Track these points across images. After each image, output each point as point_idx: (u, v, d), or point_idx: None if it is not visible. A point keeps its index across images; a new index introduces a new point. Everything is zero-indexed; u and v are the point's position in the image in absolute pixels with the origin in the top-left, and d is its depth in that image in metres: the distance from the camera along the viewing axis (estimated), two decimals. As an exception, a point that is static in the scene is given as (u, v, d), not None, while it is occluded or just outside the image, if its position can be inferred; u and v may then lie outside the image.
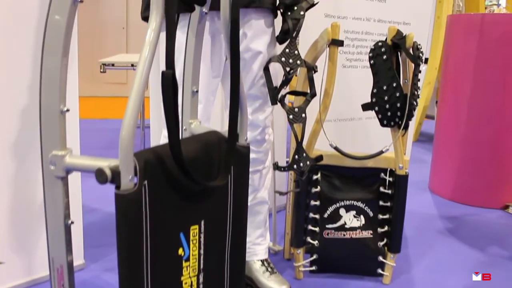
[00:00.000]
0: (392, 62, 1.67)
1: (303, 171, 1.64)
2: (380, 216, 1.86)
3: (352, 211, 1.86)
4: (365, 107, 1.75)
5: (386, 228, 1.86)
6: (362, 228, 1.86)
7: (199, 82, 1.29)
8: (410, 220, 2.52)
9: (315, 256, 1.87)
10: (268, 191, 1.81)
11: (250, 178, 1.71)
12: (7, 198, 1.66)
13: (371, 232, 1.87)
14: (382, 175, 1.83)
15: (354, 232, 1.86)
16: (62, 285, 0.96)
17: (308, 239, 1.86)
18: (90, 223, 2.34)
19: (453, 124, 3.01)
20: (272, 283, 1.74)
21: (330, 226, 1.86)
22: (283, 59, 1.54)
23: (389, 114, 1.69)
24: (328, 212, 1.85)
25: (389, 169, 1.82)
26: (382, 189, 1.84)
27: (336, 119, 2.30)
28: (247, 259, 1.70)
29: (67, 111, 0.96)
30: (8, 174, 1.65)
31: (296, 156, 1.63)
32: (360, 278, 1.93)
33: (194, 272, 1.10)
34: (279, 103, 1.58)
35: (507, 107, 2.80)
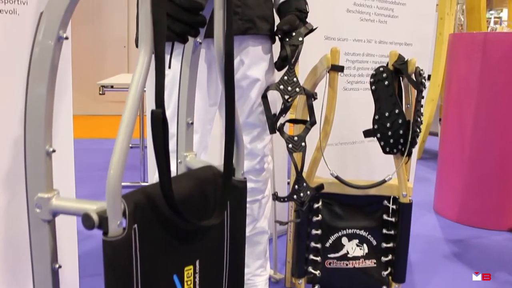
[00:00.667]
0: (394, 88, 1.62)
1: (303, 201, 1.59)
2: (383, 245, 1.80)
3: (354, 240, 1.81)
4: (366, 134, 1.71)
5: (390, 257, 1.80)
6: (365, 257, 1.81)
7: (194, 114, 1.25)
8: (414, 244, 2.46)
9: (317, 286, 1.81)
10: (268, 220, 1.76)
11: (249, 207, 1.66)
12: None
13: (375, 261, 1.81)
14: (385, 202, 1.78)
15: (357, 261, 1.81)
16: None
17: (310, 269, 1.80)
18: (86, 252, 2.29)
19: (457, 144, 2.96)
20: None
21: (332, 255, 1.80)
22: (281, 87, 1.50)
23: (391, 141, 1.65)
24: (330, 241, 1.80)
25: (392, 196, 1.76)
26: (385, 216, 1.79)
27: (338, 143, 2.25)
28: (247, 292, 1.65)
29: (53, 151, 0.91)
30: None
31: (296, 186, 1.58)
32: (364, 308, 1.87)
33: (189, 315, 1.05)
34: (278, 132, 1.54)
35: (512, 127, 2.76)
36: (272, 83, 1.58)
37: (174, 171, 1.30)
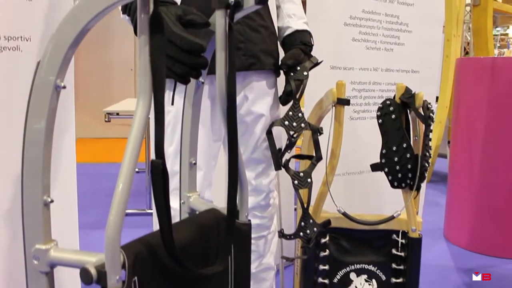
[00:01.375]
0: (402, 121, 1.59)
1: (310, 238, 1.55)
2: (393, 280, 1.76)
3: (363, 275, 1.76)
4: (374, 168, 1.67)
5: (400, 292, 1.75)
6: (375, 293, 1.76)
7: (197, 153, 1.23)
8: (425, 275, 2.40)
9: (325, 323, 1.76)
10: (274, 255, 1.72)
11: (255, 244, 1.63)
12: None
13: (384, 297, 1.76)
14: (394, 236, 1.74)
15: (366, 297, 1.76)
16: None
17: (318, 305, 1.76)
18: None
19: (467, 169, 2.92)
20: None
21: (341, 291, 1.76)
22: (286, 123, 1.48)
23: (399, 175, 1.61)
24: (338, 276, 1.75)
25: (401, 230, 1.72)
26: (394, 251, 1.75)
27: (345, 173, 2.21)
28: (253, 331, 1.60)
29: (51, 202, 0.89)
30: None
31: (302, 223, 1.54)
32: None
33: None
34: (283, 168, 1.50)
35: (523, 152, 2.71)
36: (277, 118, 1.56)
37: (177, 209, 1.28)
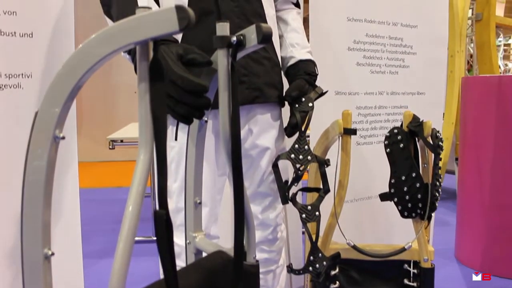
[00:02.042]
0: (410, 150, 1.56)
1: (319, 272, 1.51)
2: (406, 311, 1.71)
3: (375, 307, 1.71)
4: (383, 198, 1.64)
5: (413, 324, 1.70)
6: (387, 325, 1.71)
7: (202, 192, 1.20)
8: (437, 301, 2.35)
9: None
10: (283, 288, 1.68)
11: (263, 279, 1.59)
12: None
13: (397, 329, 1.71)
14: (406, 266, 1.70)
15: (379, 330, 1.71)
16: None
17: None
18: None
19: (477, 189, 2.87)
20: None
21: (352, 324, 1.71)
22: (292, 156, 1.44)
23: (409, 205, 1.57)
24: (349, 309, 1.71)
25: (412, 260, 1.68)
26: (406, 281, 1.70)
27: (353, 199, 2.18)
28: None
29: (52, 254, 0.86)
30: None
31: (311, 257, 1.50)
32: None
33: None
34: (290, 202, 1.47)
35: (533, 171, 2.67)
36: (282, 150, 1.53)
37: (183, 246, 1.25)
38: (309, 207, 1.47)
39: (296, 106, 1.45)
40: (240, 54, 1.01)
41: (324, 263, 1.52)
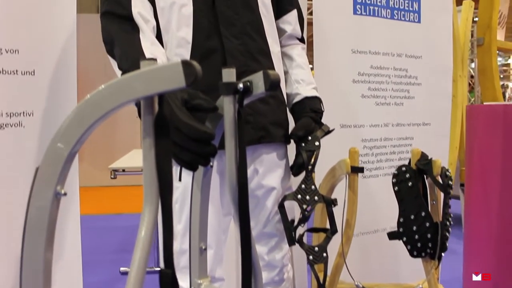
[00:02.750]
0: (419, 189, 1.53)
1: (327, 316, 1.47)
2: None
3: None
4: (391, 236, 1.60)
5: None
6: None
7: (207, 238, 1.16)
8: None
9: None
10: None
11: (269, 321, 1.54)
12: None
13: None
14: (416, 306, 1.65)
15: None
16: None
17: None
18: None
19: (484, 219, 2.81)
20: None
21: None
22: (299, 196, 1.41)
23: (419, 245, 1.53)
24: None
25: (423, 300, 1.64)
26: (416, 321, 1.65)
27: (359, 233, 2.13)
28: None
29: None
30: None
31: (319, 300, 1.46)
32: None
33: None
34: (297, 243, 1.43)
35: (541, 202, 2.62)
36: (288, 189, 1.50)
37: (187, 288, 1.21)
38: (316, 248, 1.43)
39: (303, 145, 1.42)
40: (246, 100, 0.99)
41: (332, 305, 1.47)
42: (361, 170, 1.55)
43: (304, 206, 1.42)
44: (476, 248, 2.92)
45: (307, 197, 1.42)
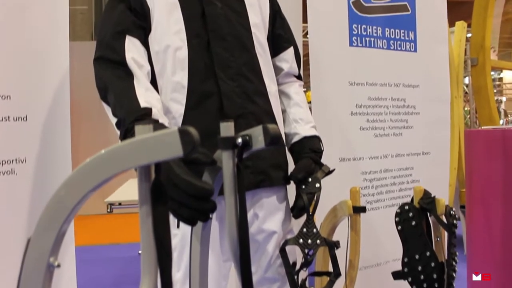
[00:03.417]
0: (423, 228, 1.49)
1: None
2: None
3: None
4: (396, 276, 1.56)
5: None
6: None
7: (207, 286, 1.12)
8: None
9: None
10: None
11: None
12: None
13: None
14: None
15: None
16: None
17: None
18: None
19: (487, 247, 2.78)
20: None
21: None
22: (301, 241, 1.37)
23: (425, 285, 1.49)
24: None
25: None
26: None
27: (361, 267, 2.08)
28: None
29: None
30: None
31: None
32: None
33: None
34: (300, 288, 1.39)
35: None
36: (290, 231, 1.46)
37: None
38: (320, 294, 1.39)
39: (303, 187, 1.39)
40: (246, 153, 0.96)
41: None
42: (363, 210, 1.52)
43: (306, 251, 1.38)
44: (480, 272, 2.87)
45: (309, 241, 1.38)
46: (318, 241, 1.38)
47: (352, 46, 2.08)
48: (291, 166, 1.48)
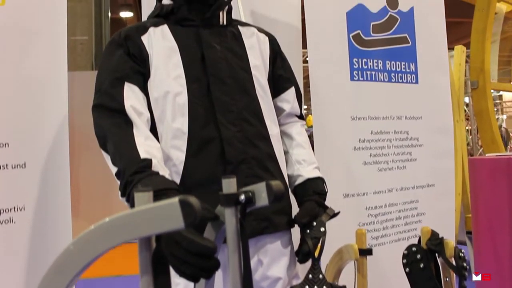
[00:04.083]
0: (432, 270, 1.45)
1: None
2: None
3: None
4: (406, 320, 1.52)
5: None
6: None
7: None
8: None
9: None
10: None
11: None
12: None
13: None
14: None
15: None
16: None
17: None
18: None
19: (496, 277, 2.73)
20: None
21: None
22: (306, 287, 1.34)
23: (435, 329, 1.45)
24: None
25: None
26: None
27: (369, 305, 2.05)
28: None
29: None
30: None
31: None
32: None
33: None
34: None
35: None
36: (295, 276, 1.43)
37: None
38: None
39: (308, 231, 1.36)
40: (249, 209, 0.94)
41: None
42: (369, 252, 1.48)
43: (313, 298, 1.34)
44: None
45: (315, 287, 1.34)
46: (325, 287, 1.35)
47: (353, 81, 2.07)
48: (294, 208, 1.45)
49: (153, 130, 1.30)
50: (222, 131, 1.31)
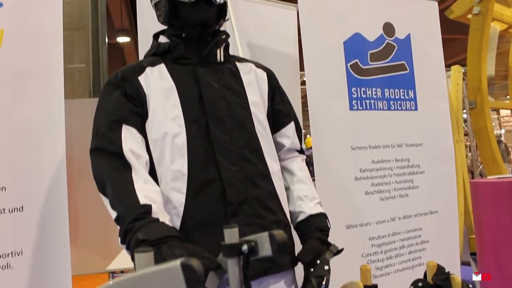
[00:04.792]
0: (439, 306, 1.42)
1: None
2: None
3: None
4: None
5: None
6: None
7: None
8: None
9: None
10: None
11: None
12: None
13: None
14: None
15: None
16: None
17: None
18: None
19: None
20: None
21: None
22: (312, 330, 1.30)
23: None
24: None
25: None
26: None
27: None
28: None
29: None
30: None
31: None
32: None
33: None
34: None
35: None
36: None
37: None
38: None
39: (312, 270, 1.33)
40: (252, 258, 0.91)
41: None
42: (375, 288, 1.45)
43: None
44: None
45: (321, 330, 1.31)
46: (331, 329, 1.32)
47: (352, 110, 2.06)
48: (297, 244, 1.42)
49: (152, 172, 1.28)
50: (222, 172, 1.29)
